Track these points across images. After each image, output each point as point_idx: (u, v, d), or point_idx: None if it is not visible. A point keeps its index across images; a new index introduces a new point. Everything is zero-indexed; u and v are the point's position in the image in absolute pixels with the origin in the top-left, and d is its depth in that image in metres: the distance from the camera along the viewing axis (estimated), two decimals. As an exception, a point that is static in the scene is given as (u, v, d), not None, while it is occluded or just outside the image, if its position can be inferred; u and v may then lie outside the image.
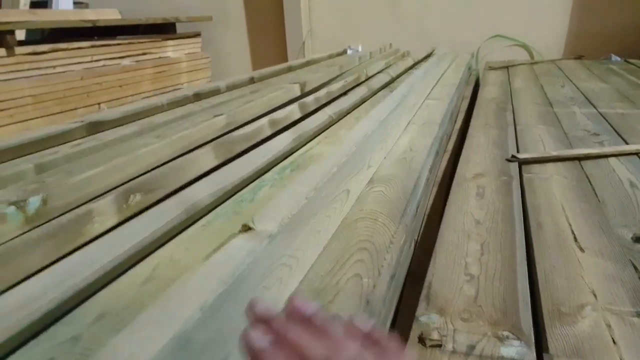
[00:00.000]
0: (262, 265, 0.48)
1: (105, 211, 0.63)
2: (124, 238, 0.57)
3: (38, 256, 0.53)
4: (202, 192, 0.71)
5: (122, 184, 0.72)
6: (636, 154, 1.18)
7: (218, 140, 0.95)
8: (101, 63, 3.04)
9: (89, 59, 2.96)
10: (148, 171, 0.79)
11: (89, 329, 0.48)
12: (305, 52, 3.81)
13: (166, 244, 0.65)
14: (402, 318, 0.71)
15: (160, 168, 0.79)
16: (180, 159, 0.84)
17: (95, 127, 1.33)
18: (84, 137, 1.30)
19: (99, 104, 2.88)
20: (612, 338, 0.56)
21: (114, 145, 1.16)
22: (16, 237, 0.57)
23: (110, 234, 0.58)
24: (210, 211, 0.75)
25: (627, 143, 1.27)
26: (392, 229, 0.67)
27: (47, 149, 1.20)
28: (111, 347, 0.43)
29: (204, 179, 0.76)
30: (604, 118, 1.54)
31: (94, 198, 0.68)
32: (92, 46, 2.98)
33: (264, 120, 1.13)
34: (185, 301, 0.44)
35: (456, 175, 1.10)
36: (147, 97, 3.17)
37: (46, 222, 0.61)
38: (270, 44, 4.02)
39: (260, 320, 0.31)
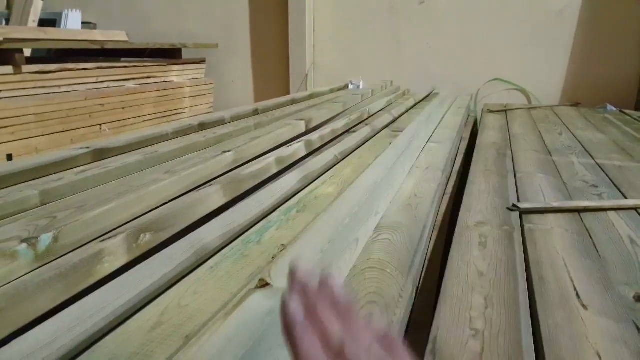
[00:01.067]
0: (279, 323, 0.48)
1: (116, 251, 0.63)
2: (135, 281, 0.57)
3: (48, 298, 0.53)
4: (211, 234, 0.72)
5: (132, 220, 0.73)
6: (635, 209, 1.20)
7: (226, 177, 0.96)
8: (105, 84, 3.07)
9: (94, 79, 2.99)
10: (156, 207, 0.80)
11: None
12: (307, 84, 3.87)
13: (173, 287, 0.65)
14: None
15: (170, 205, 0.79)
16: (189, 196, 0.85)
17: (100, 154, 1.34)
18: (88, 163, 1.31)
19: (100, 125, 2.89)
20: (618, 405, 0.56)
21: (118, 174, 1.17)
22: (25, 275, 0.56)
23: (122, 277, 0.58)
24: (217, 252, 0.75)
25: (625, 197, 1.29)
26: (401, 282, 0.67)
27: (51, 174, 1.20)
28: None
29: (214, 220, 0.77)
30: (602, 169, 1.57)
31: (103, 234, 0.68)
32: (98, 67, 3.01)
33: (271, 158, 1.14)
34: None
35: (458, 223, 1.11)
36: (149, 120, 3.19)
37: (55, 260, 0.61)
38: (274, 74, 4.09)
39: (299, 287, 0.33)
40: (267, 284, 0.51)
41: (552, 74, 3.39)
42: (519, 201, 1.27)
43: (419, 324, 0.83)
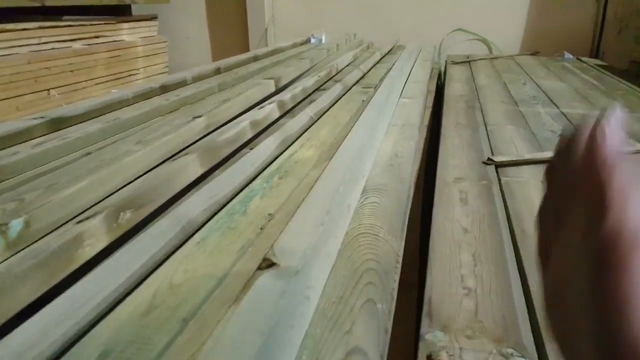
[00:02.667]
0: (290, 304, 0.46)
1: (96, 233, 0.59)
2: (123, 265, 0.54)
3: (29, 289, 0.48)
4: (196, 207, 0.68)
5: (108, 196, 0.68)
6: (603, 157, 1.23)
7: (201, 144, 0.91)
8: (50, 46, 2.85)
9: (36, 41, 2.77)
10: (132, 181, 0.75)
11: None
12: (267, 40, 3.74)
13: (161, 266, 0.62)
14: (398, 327, 0.72)
15: (146, 178, 0.75)
16: (165, 167, 0.80)
17: (57, 124, 1.25)
18: (45, 134, 1.22)
19: (48, 90, 2.70)
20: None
21: (80, 144, 1.10)
22: None
23: (109, 261, 0.55)
24: (203, 225, 0.72)
25: (593, 146, 1.32)
26: (396, 246, 0.66)
27: (5, 148, 1.11)
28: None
29: (198, 193, 0.73)
30: (567, 118, 1.60)
31: (78, 214, 0.63)
32: (40, 27, 2.78)
33: (246, 121, 1.09)
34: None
35: (437, 180, 1.11)
36: (102, 82, 3.01)
37: (29, 246, 0.56)
38: (231, 29, 3.91)
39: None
40: (273, 264, 0.49)
41: (512, 24, 3.40)
42: (492, 154, 1.28)
43: (406, 284, 0.84)
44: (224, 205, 0.77)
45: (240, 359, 0.37)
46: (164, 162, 0.84)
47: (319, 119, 1.30)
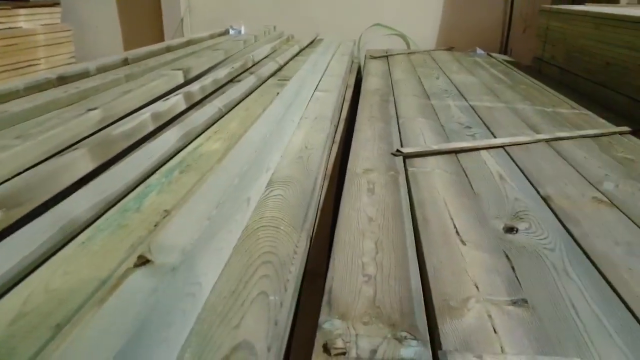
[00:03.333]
0: (165, 302, 0.44)
1: (-43, 235, 0.53)
2: (-16, 270, 0.48)
3: None
4: (80, 205, 0.63)
5: (-23, 197, 0.61)
6: (502, 147, 1.31)
7: (94, 138, 0.85)
8: None
9: None
10: (9, 179, 0.68)
11: None
12: (183, 31, 3.60)
13: (38, 269, 0.57)
14: (303, 319, 0.71)
15: (25, 175, 0.68)
16: (50, 163, 0.74)
17: None
18: None
19: None
20: (493, 327, 0.61)
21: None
22: None
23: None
24: (90, 224, 0.67)
25: (494, 136, 1.40)
26: (295, 237, 0.66)
27: None
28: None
29: (82, 189, 0.68)
30: (474, 111, 1.69)
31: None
32: None
33: (146, 114, 1.03)
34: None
35: (347, 172, 1.12)
36: (-1, 74, 2.75)
37: None
38: (145, 18, 3.73)
39: None
40: (148, 261, 0.46)
41: (428, 20, 3.53)
42: (402, 146, 1.32)
43: (314, 274, 0.83)
44: (116, 203, 0.72)
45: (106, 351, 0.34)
46: (49, 158, 0.77)
47: (229, 111, 1.26)
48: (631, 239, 0.84)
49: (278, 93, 1.55)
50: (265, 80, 1.72)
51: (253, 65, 1.97)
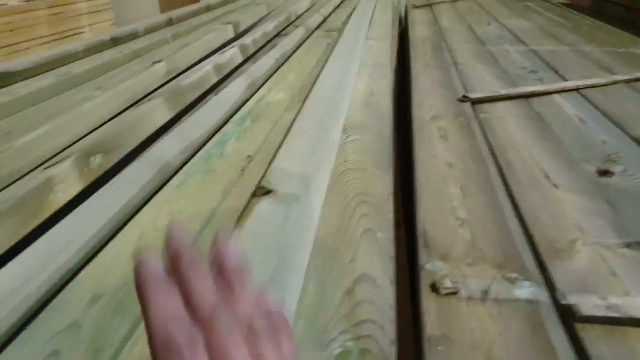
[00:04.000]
0: (293, 230, 0.42)
1: (67, 178, 0.52)
2: (99, 208, 0.48)
3: (3, 236, 0.42)
4: (171, 150, 0.62)
5: (73, 143, 0.60)
6: (576, 89, 1.22)
7: (166, 89, 0.83)
8: (-19, 3, 2.58)
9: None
10: (97, 128, 0.67)
11: (86, 313, 0.39)
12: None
13: (142, 210, 0.56)
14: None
15: (112, 123, 0.67)
16: (132, 112, 0.73)
17: (4, 79, 1.12)
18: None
19: (-15, 51, 2.46)
20: (611, 270, 0.57)
21: (31, 100, 0.99)
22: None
23: (85, 204, 0.49)
24: (179, 169, 0.66)
25: (565, 79, 1.32)
26: (386, 179, 0.62)
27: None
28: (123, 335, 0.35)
29: (170, 135, 0.66)
30: (537, 55, 1.59)
31: (44, 162, 0.56)
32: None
33: (208, 65, 1.01)
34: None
35: (414, 119, 1.08)
36: (46, 42, 2.77)
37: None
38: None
39: (172, 252, 0.25)
40: (270, 191, 0.44)
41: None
42: (466, 92, 1.26)
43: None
44: (198, 150, 0.71)
45: (257, 272, 0.33)
46: (127, 108, 0.76)
47: (284, 62, 1.22)
48: None
49: (328, 44, 1.49)
50: (312, 32, 1.66)
51: (297, 19, 1.91)
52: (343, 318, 0.42)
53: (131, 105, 0.75)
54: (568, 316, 0.50)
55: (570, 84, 1.26)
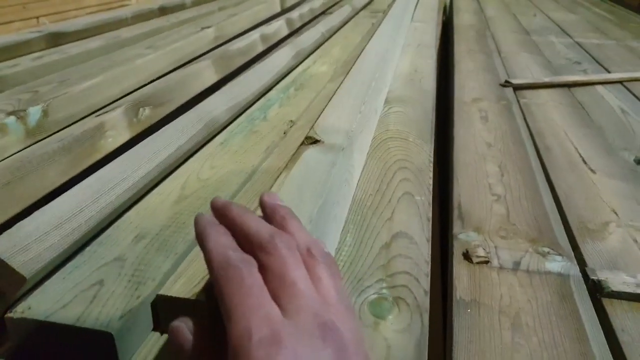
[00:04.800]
0: (336, 179, 0.44)
1: (117, 125, 0.56)
2: (150, 152, 0.51)
3: (56, 172, 0.46)
4: (218, 106, 0.64)
5: (124, 95, 0.64)
6: (620, 82, 1.20)
7: (215, 53, 0.87)
8: (35, -30, 2.67)
9: (21, -36, 2.59)
10: (147, 83, 0.71)
11: (131, 250, 0.43)
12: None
13: (187, 161, 0.60)
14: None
15: (162, 80, 0.70)
16: (181, 71, 0.76)
17: (55, 39, 1.18)
18: (43, 49, 1.15)
19: (37, 17, 2.56)
20: (642, 252, 0.58)
21: (81, 59, 1.04)
22: (20, 150, 0.48)
23: (136, 147, 0.52)
24: (224, 127, 0.69)
25: (609, 72, 1.29)
26: (427, 149, 0.64)
27: (4, 61, 1.05)
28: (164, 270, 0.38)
29: (218, 93, 0.69)
30: (582, 47, 1.56)
31: (96, 110, 0.59)
32: (23, -51, 2.60)
33: (256, 34, 1.03)
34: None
35: (455, 100, 1.08)
36: (92, 12, 2.85)
37: (50, 136, 0.53)
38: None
39: (222, 213, 0.29)
40: (318, 141, 0.47)
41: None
42: (509, 78, 1.25)
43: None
44: (244, 111, 0.74)
45: (302, 213, 0.35)
46: (177, 68, 0.79)
47: (330, 37, 1.24)
48: None
49: (373, 23, 1.50)
50: (358, 12, 1.67)
51: (341, -1, 1.92)
52: (379, 268, 0.44)
53: (181, 66, 0.79)
54: (596, 290, 0.51)
55: (614, 75, 1.23)
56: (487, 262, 0.55)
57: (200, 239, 0.28)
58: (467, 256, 0.56)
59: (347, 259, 0.45)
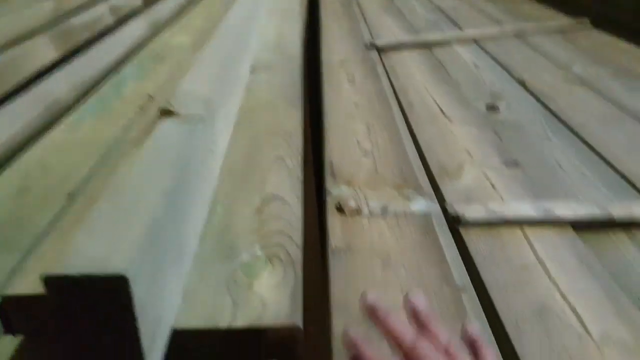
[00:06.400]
0: (197, 151, 0.42)
1: None
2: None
3: None
4: (60, 86, 0.57)
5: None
6: (473, 40, 1.30)
7: (54, 29, 0.77)
8: None
9: None
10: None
11: None
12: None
13: (28, 150, 0.53)
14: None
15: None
16: (11, 51, 0.66)
17: None
18: None
19: None
20: (492, 184, 0.64)
21: None
22: None
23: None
24: (69, 110, 0.62)
25: (462, 30, 1.40)
26: (296, 114, 0.64)
27: None
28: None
29: (58, 72, 0.62)
30: (440, 10, 1.66)
31: None
32: None
33: (103, 6, 0.94)
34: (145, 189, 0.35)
35: (322, 63, 1.10)
36: None
37: None
38: None
39: (371, 312, 0.31)
40: (172, 112, 0.43)
41: None
42: (373, 39, 1.29)
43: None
44: (93, 88, 0.67)
45: (156, 189, 0.32)
46: (7, 47, 0.70)
47: (192, 7, 1.18)
48: (605, 111, 0.88)
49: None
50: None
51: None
52: (252, 232, 0.43)
53: (13, 44, 0.69)
54: (454, 222, 0.56)
55: (468, 33, 1.34)
56: (358, 212, 0.58)
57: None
58: (339, 209, 0.58)
59: (219, 228, 0.43)
